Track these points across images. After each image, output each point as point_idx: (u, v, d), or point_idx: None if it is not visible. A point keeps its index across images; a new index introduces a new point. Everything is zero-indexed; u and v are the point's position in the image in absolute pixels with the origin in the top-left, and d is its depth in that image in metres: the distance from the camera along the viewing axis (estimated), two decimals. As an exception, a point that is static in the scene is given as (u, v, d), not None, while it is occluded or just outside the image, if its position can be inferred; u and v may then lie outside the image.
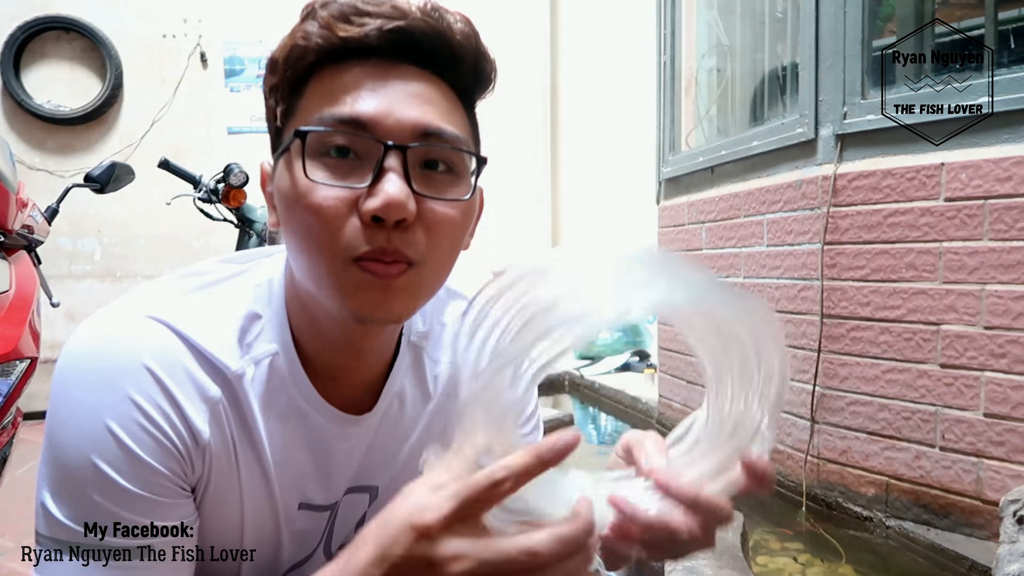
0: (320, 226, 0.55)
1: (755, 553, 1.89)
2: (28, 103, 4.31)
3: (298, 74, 0.58)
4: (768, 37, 2.64)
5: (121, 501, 0.55)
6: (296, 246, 0.58)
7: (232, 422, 0.61)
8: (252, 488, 0.64)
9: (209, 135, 4.52)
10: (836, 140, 2.09)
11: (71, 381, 0.57)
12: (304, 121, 0.56)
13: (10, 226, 1.42)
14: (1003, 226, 1.74)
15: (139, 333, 0.58)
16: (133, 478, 0.55)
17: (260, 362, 0.63)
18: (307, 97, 0.57)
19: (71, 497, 0.56)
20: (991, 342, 1.76)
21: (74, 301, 4.31)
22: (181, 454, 0.58)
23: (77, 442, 0.55)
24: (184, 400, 0.58)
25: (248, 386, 0.62)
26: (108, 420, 0.55)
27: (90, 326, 0.59)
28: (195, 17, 4.54)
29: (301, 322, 0.64)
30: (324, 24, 0.56)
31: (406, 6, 0.56)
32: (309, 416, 0.65)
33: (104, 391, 0.56)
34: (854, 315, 2.04)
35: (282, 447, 0.64)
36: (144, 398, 0.56)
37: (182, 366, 0.58)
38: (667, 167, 3.16)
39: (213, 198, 2.52)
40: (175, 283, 0.65)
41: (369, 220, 0.54)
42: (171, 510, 0.58)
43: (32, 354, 1.31)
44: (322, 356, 0.65)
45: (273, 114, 0.61)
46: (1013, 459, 1.72)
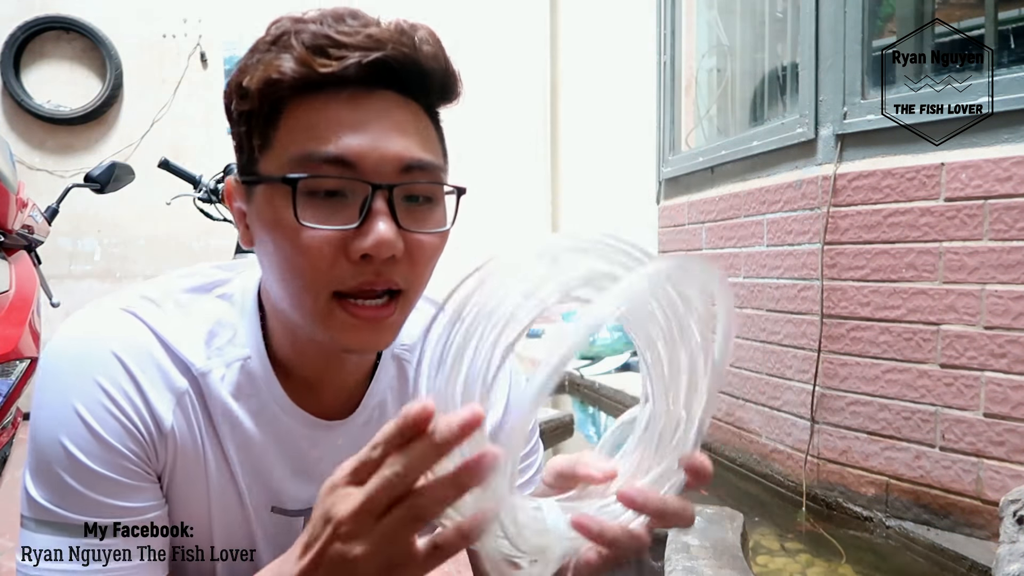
0: (308, 264, 0.56)
1: (755, 553, 1.89)
2: (28, 103, 4.31)
3: (272, 105, 0.57)
4: (768, 37, 2.64)
5: (87, 481, 0.58)
6: (279, 277, 0.59)
7: (199, 416, 0.63)
8: (220, 485, 0.65)
9: (209, 135, 4.52)
10: (836, 140, 2.09)
11: (48, 368, 0.61)
12: (284, 156, 0.57)
13: (10, 226, 1.42)
14: (1003, 226, 1.74)
15: (111, 324, 0.62)
16: (97, 459, 0.58)
17: (231, 364, 0.65)
18: (284, 130, 0.57)
19: (45, 476, 0.59)
20: (991, 342, 1.76)
21: (74, 301, 4.30)
22: (144, 438, 0.60)
23: (49, 424, 0.59)
24: (149, 387, 0.61)
25: (215, 384, 0.64)
26: (76, 403, 0.58)
27: (71, 319, 0.63)
28: (195, 17, 4.53)
29: (279, 334, 0.66)
30: (301, 59, 0.55)
31: (380, 34, 0.56)
32: (280, 420, 0.66)
33: (74, 376, 0.59)
34: (854, 315, 2.04)
35: (250, 448, 0.65)
36: (110, 383, 0.59)
37: (150, 356, 0.61)
38: (667, 167, 3.16)
39: (213, 198, 2.52)
40: (158, 284, 0.67)
41: (358, 258, 0.56)
42: (136, 492, 0.60)
43: (32, 354, 1.31)
44: (300, 367, 0.66)
45: (243, 140, 0.60)
46: (1013, 459, 1.72)
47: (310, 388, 0.67)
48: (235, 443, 0.65)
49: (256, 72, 0.57)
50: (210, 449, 0.64)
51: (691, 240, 2.89)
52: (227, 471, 0.65)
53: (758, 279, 2.42)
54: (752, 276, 2.46)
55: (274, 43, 0.57)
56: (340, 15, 0.57)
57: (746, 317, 2.49)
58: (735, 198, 2.57)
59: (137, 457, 0.60)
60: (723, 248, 2.65)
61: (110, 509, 0.59)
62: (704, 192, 2.81)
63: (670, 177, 3.12)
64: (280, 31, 0.57)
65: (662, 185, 3.22)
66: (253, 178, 0.59)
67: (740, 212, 2.54)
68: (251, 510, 0.67)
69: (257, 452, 0.66)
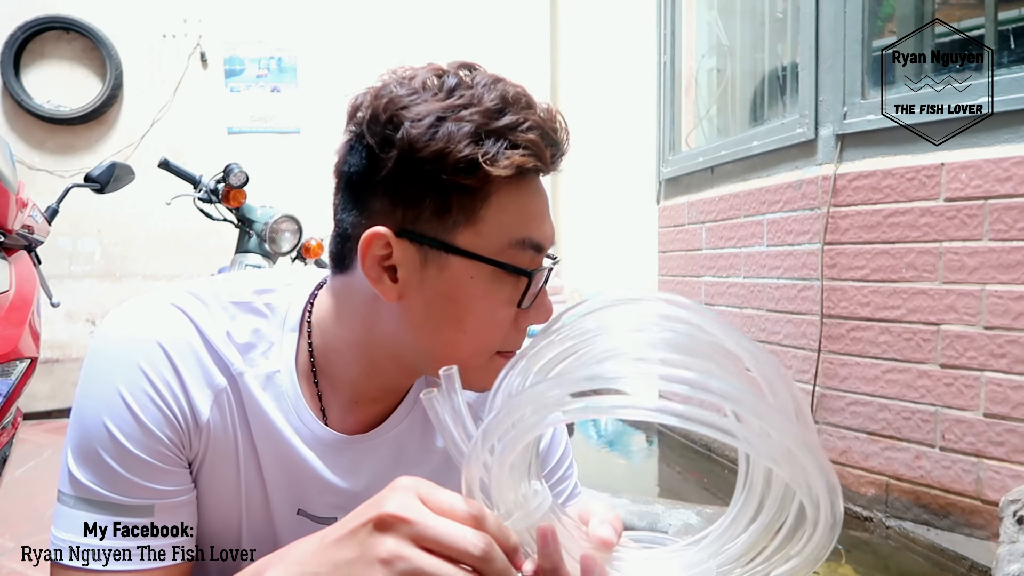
0: (490, 332, 0.63)
1: (755, 553, 1.88)
2: (28, 103, 4.31)
3: (482, 181, 0.59)
4: (768, 37, 2.64)
5: (126, 462, 0.61)
6: (440, 333, 0.63)
7: (235, 414, 0.66)
8: (248, 482, 0.67)
9: (209, 135, 4.52)
10: (836, 140, 2.09)
11: (98, 352, 0.64)
12: (494, 237, 0.60)
13: (10, 226, 1.42)
14: (1003, 226, 1.74)
15: (161, 316, 0.65)
16: (136, 442, 0.61)
17: (260, 375, 0.67)
18: (494, 210, 0.60)
19: (86, 455, 0.61)
20: (991, 342, 1.76)
21: (74, 301, 4.30)
22: (181, 427, 0.63)
23: (96, 405, 0.62)
24: (190, 381, 0.63)
25: (250, 387, 0.66)
26: (121, 387, 0.61)
27: (121, 308, 0.66)
28: (195, 17, 4.53)
29: (331, 356, 0.68)
30: (532, 155, 0.59)
31: (558, 129, 0.63)
32: (301, 432, 0.68)
33: (121, 363, 0.62)
34: (854, 315, 2.04)
35: (278, 450, 0.67)
36: (154, 372, 0.62)
37: (193, 352, 0.64)
38: (667, 167, 3.16)
39: (213, 198, 2.51)
40: (206, 286, 0.69)
41: (525, 327, 0.65)
42: (168, 476, 0.63)
43: (32, 354, 1.31)
44: (342, 386, 0.69)
45: (422, 200, 0.60)
46: (1013, 459, 1.72)
47: (342, 405, 0.70)
48: (265, 443, 0.67)
49: (460, 146, 0.57)
50: (242, 446, 0.66)
51: (691, 240, 2.89)
52: (256, 469, 0.67)
53: (758, 279, 2.42)
54: (752, 276, 2.46)
55: (496, 127, 0.58)
56: (530, 102, 0.62)
57: (746, 317, 2.49)
58: (735, 198, 2.57)
59: (172, 443, 0.63)
60: (723, 248, 2.65)
61: (144, 490, 0.61)
62: (704, 192, 2.81)
63: (670, 177, 3.12)
64: (507, 126, 0.59)
65: (662, 185, 3.22)
66: (449, 247, 0.60)
67: (740, 212, 2.54)
68: (275, 510, 0.69)
69: (284, 456, 0.68)
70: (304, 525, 0.70)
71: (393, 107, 0.59)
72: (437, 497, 0.48)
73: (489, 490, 0.49)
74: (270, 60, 4.60)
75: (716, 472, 2.60)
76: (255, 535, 0.69)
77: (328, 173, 0.69)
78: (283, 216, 2.52)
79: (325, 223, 0.74)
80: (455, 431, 0.50)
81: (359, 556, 0.47)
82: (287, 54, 4.60)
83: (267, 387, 0.67)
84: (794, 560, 0.47)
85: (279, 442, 0.67)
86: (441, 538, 0.46)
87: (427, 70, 0.62)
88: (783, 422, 0.42)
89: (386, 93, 0.60)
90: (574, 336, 0.49)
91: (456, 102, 0.59)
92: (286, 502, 0.69)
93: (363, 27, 4.58)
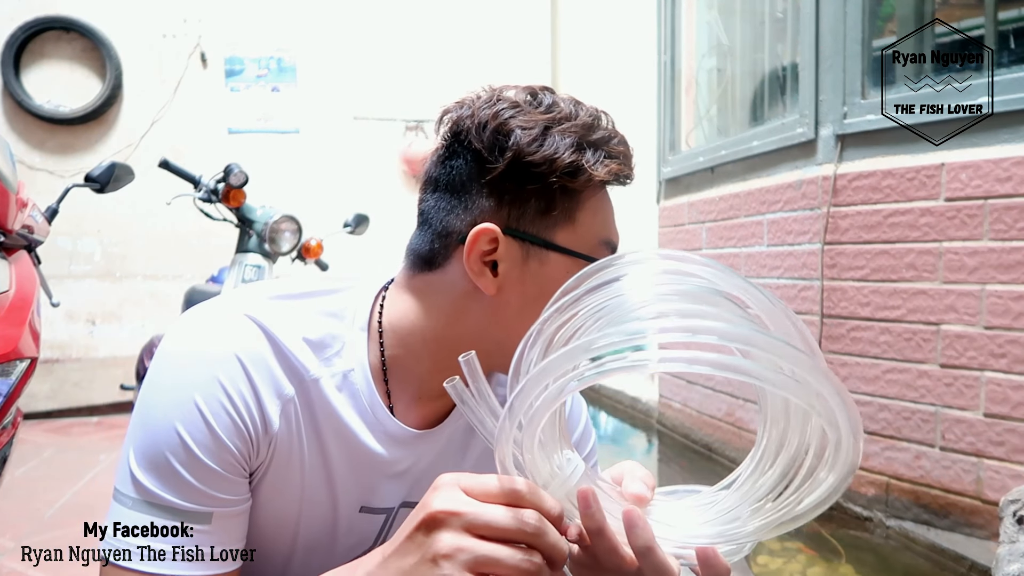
0: None
1: (755, 553, 1.89)
2: (28, 103, 4.31)
3: (582, 185, 0.67)
4: (768, 37, 2.64)
5: (193, 469, 0.62)
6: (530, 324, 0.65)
7: (301, 420, 0.68)
8: (312, 484, 0.69)
9: (209, 135, 4.52)
10: (836, 140, 2.09)
11: (172, 356, 0.65)
12: (587, 236, 0.68)
13: (10, 226, 1.42)
14: (1003, 226, 1.74)
15: (235, 327, 0.66)
16: (206, 450, 0.62)
17: (335, 375, 0.70)
18: (587, 212, 0.68)
19: (152, 458, 0.63)
20: (991, 342, 1.76)
21: (74, 301, 4.31)
22: (251, 437, 0.65)
23: (166, 410, 0.63)
24: (263, 391, 0.65)
25: (326, 389, 0.68)
26: (196, 395, 0.63)
27: (195, 314, 0.68)
28: (195, 17, 4.53)
29: (402, 355, 0.71)
30: (618, 170, 0.68)
31: (630, 146, 0.72)
32: (376, 428, 0.71)
33: (197, 371, 0.64)
34: (854, 315, 2.04)
35: (351, 450, 0.70)
36: (230, 382, 0.64)
37: (266, 363, 0.66)
38: (667, 167, 3.16)
39: (213, 198, 2.51)
40: (275, 289, 0.72)
41: None
42: (231, 485, 0.65)
43: (32, 354, 1.31)
44: (411, 384, 0.72)
45: (524, 200, 0.67)
46: (1013, 459, 1.72)
47: (407, 402, 0.73)
48: (338, 445, 0.69)
49: (566, 154, 0.65)
50: (307, 451, 0.68)
51: (691, 240, 2.89)
52: (323, 471, 0.69)
53: (758, 279, 2.42)
54: (752, 276, 2.46)
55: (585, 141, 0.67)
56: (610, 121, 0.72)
57: (746, 317, 2.49)
58: (735, 198, 2.57)
59: (240, 454, 0.65)
60: (723, 248, 2.65)
61: (207, 498, 0.63)
62: (704, 192, 2.81)
63: (670, 177, 3.12)
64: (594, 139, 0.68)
65: (662, 185, 3.23)
66: (551, 244, 0.67)
67: (740, 212, 2.54)
68: (341, 510, 0.72)
69: (357, 454, 0.70)
70: (362, 519, 0.73)
71: (502, 117, 0.66)
72: (479, 484, 0.51)
73: (523, 465, 0.52)
74: (270, 60, 4.60)
75: (716, 472, 2.60)
76: (310, 536, 0.72)
77: (328, 173, 0.69)
78: (283, 216, 2.52)
79: (325, 223, 0.74)
80: (482, 414, 0.53)
81: (421, 557, 0.50)
82: (287, 54, 4.60)
83: (342, 387, 0.69)
84: (824, 485, 0.49)
85: (352, 440, 0.69)
86: (493, 523, 0.49)
87: (518, 89, 0.70)
88: (791, 352, 0.45)
89: (490, 105, 0.67)
90: (584, 304, 0.52)
91: (557, 116, 0.67)
92: (352, 502, 0.72)
93: (363, 27, 4.58)
